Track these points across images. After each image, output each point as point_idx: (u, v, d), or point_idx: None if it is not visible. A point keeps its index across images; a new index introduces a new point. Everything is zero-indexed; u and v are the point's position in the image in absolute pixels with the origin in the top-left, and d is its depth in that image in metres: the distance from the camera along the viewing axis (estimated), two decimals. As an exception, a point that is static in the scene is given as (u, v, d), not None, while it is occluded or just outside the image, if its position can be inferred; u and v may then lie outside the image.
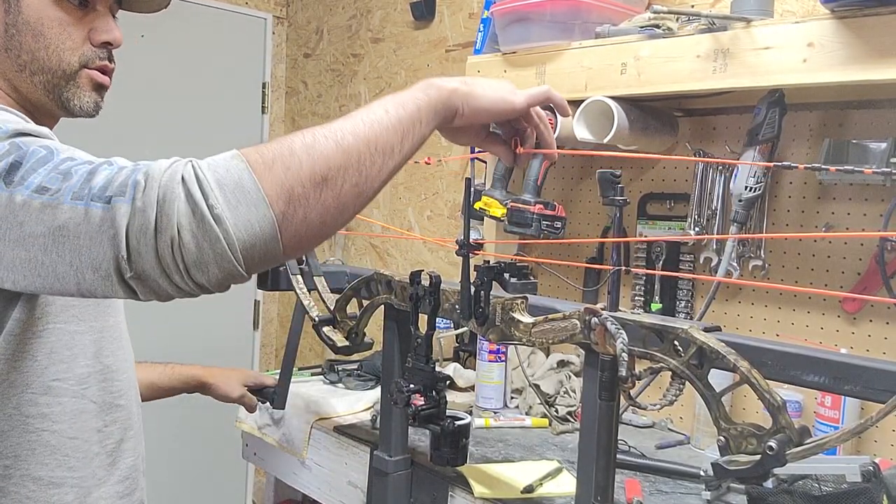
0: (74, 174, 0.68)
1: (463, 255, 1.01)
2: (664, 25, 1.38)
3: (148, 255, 0.65)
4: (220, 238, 0.65)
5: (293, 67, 2.97)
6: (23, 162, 0.69)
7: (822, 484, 1.06)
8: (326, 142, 0.70)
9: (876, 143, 1.30)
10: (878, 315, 1.35)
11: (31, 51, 0.90)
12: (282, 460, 1.66)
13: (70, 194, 0.66)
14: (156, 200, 0.64)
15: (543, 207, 1.54)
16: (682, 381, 0.85)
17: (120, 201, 0.65)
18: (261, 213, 0.66)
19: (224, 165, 0.67)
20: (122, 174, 0.67)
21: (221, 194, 0.65)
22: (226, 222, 0.65)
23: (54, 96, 0.93)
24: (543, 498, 1.19)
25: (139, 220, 0.64)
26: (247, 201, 0.66)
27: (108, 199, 0.65)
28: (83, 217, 0.66)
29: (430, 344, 1.08)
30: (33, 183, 0.68)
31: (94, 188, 0.66)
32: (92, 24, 0.93)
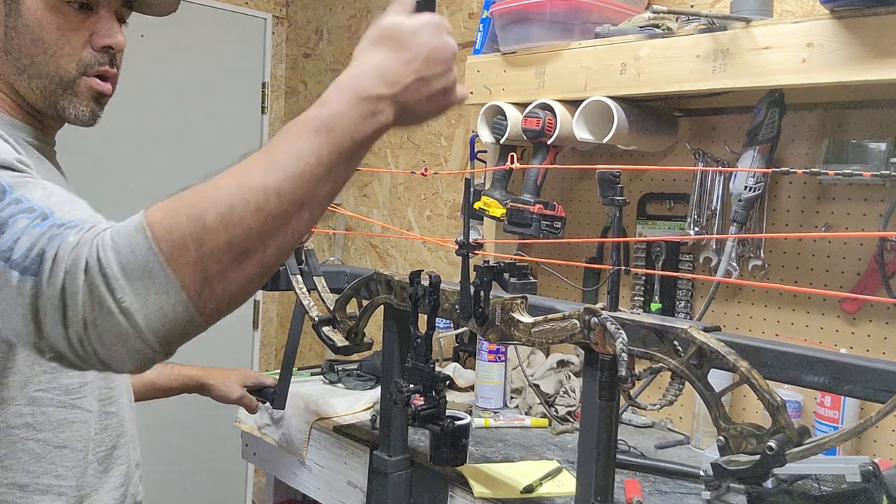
0: (10, 226, 0.63)
1: (463, 255, 1.01)
2: (664, 25, 1.38)
3: (60, 344, 0.61)
4: (130, 334, 0.60)
5: (293, 67, 2.97)
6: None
7: (821, 484, 1.06)
8: (246, 208, 0.61)
9: (875, 143, 1.30)
10: (877, 315, 1.35)
11: (29, 55, 0.88)
12: (282, 460, 1.66)
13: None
14: (59, 289, 0.60)
15: (543, 207, 1.55)
16: (681, 381, 0.85)
17: (26, 280, 0.61)
18: (173, 300, 0.60)
19: (129, 245, 0.60)
20: (39, 242, 0.62)
21: (128, 283, 0.59)
22: (135, 316, 0.60)
23: (50, 103, 0.91)
24: (543, 498, 1.19)
25: (46, 306, 0.61)
26: (156, 288, 0.60)
27: (22, 269, 0.61)
28: (4, 281, 0.62)
29: (429, 344, 1.08)
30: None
31: (15, 252, 0.62)
32: (94, 28, 0.91)
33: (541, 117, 1.51)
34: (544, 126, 1.51)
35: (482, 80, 1.69)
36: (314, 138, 0.66)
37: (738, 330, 1.53)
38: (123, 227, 0.61)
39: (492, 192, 1.65)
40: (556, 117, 1.51)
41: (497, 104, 1.63)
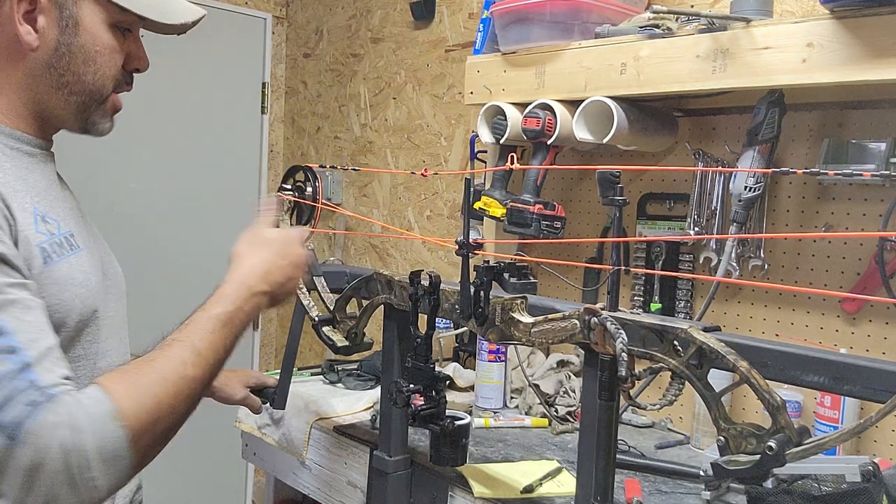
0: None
1: (463, 255, 1.01)
2: (664, 25, 1.38)
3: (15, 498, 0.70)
4: (94, 499, 0.72)
5: (293, 67, 2.97)
6: None
7: (821, 484, 1.06)
8: (184, 398, 0.81)
9: (875, 143, 1.30)
10: (877, 315, 1.35)
11: (77, 73, 0.92)
12: (281, 460, 1.66)
13: None
14: (30, 462, 0.68)
15: (543, 207, 1.55)
16: (681, 381, 0.85)
17: (6, 446, 0.68)
18: (127, 469, 0.75)
19: (103, 434, 0.72)
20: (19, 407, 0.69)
21: (102, 466, 0.72)
22: (101, 490, 0.72)
23: (82, 117, 0.95)
24: (543, 498, 1.19)
25: (11, 470, 0.68)
26: (120, 467, 0.74)
27: None
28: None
29: (429, 344, 1.08)
30: None
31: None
32: (128, 49, 0.96)
33: (541, 117, 1.51)
34: (544, 126, 1.51)
35: (482, 80, 1.69)
36: (223, 331, 0.88)
37: (738, 330, 1.53)
38: (96, 411, 0.72)
39: (492, 192, 1.65)
40: (556, 117, 1.51)
41: (497, 104, 1.63)
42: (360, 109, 2.62)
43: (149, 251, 2.65)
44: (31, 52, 0.89)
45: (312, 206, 1.34)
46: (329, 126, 2.77)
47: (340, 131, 2.72)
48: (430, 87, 2.32)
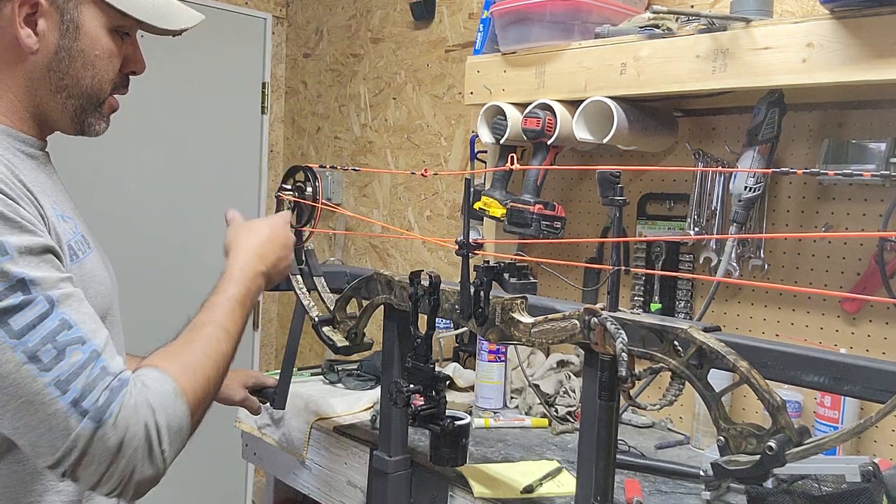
0: (67, 356, 0.76)
1: (463, 255, 1.01)
2: (664, 25, 1.38)
3: (90, 478, 0.77)
4: (158, 474, 0.81)
5: (293, 67, 2.97)
6: (24, 309, 0.76)
7: (821, 484, 1.06)
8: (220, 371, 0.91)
9: (875, 144, 1.30)
10: (877, 315, 1.35)
11: (76, 77, 0.92)
12: (281, 460, 1.66)
13: (55, 379, 0.75)
14: (118, 442, 0.76)
15: (543, 207, 1.55)
16: (681, 381, 0.85)
17: (89, 425, 0.75)
18: (185, 440, 0.85)
19: (173, 409, 0.81)
20: (101, 392, 0.76)
21: (170, 440, 0.81)
22: (167, 461, 0.81)
23: (78, 119, 0.96)
24: (543, 498, 1.19)
25: (98, 450, 0.75)
26: (182, 439, 0.84)
27: (83, 412, 0.75)
28: (55, 411, 0.74)
29: (429, 344, 1.08)
30: (29, 343, 0.75)
31: (76, 390, 0.75)
32: (125, 52, 0.97)
33: (541, 117, 1.51)
34: (544, 126, 1.51)
35: (482, 80, 1.69)
36: (240, 310, 0.99)
37: (738, 330, 1.53)
38: (163, 391, 0.81)
39: (492, 192, 1.65)
40: (556, 117, 1.51)
41: (497, 104, 1.63)
42: (360, 109, 2.62)
43: (149, 251, 2.65)
44: (32, 55, 0.90)
45: (312, 206, 1.34)
46: (329, 126, 2.77)
47: (340, 131, 2.72)
48: (430, 87, 2.32)
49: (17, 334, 0.74)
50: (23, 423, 0.75)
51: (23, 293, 0.76)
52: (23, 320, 0.75)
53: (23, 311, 0.75)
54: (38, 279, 0.78)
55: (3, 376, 0.74)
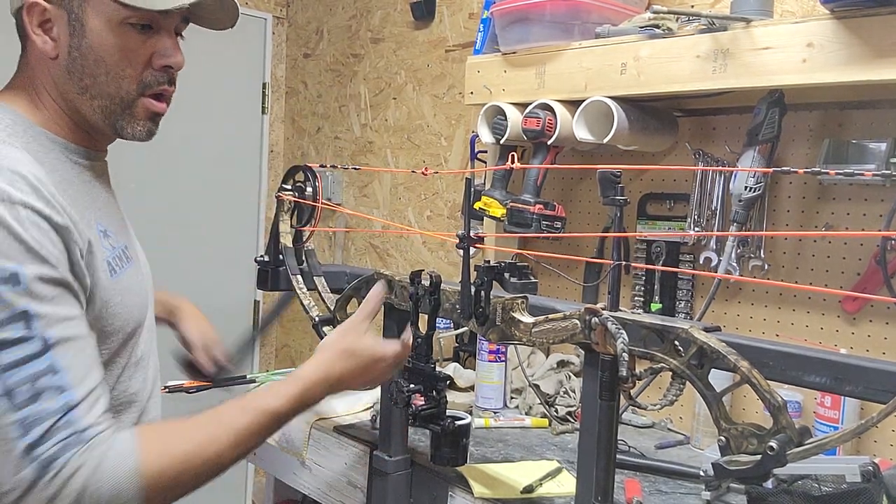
0: (41, 401, 0.76)
1: (463, 248, 1.01)
2: (664, 25, 1.38)
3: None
4: None
5: (293, 67, 2.97)
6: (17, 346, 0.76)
7: (821, 484, 1.06)
8: (208, 477, 0.86)
9: (875, 143, 1.30)
10: (877, 315, 1.35)
11: (92, 75, 0.91)
12: (281, 460, 1.66)
13: (20, 421, 0.75)
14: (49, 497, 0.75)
15: (543, 207, 1.55)
16: (682, 381, 0.85)
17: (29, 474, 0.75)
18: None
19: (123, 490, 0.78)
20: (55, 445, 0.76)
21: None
22: None
23: (110, 122, 0.94)
24: (543, 498, 1.19)
25: (31, 500, 0.75)
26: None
27: (33, 458, 0.75)
28: (10, 448, 0.75)
29: (430, 344, 1.08)
30: (9, 379, 0.76)
31: (33, 435, 0.75)
32: (154, 47, 0.93)
33: (541, 117, 1.51)
34: (544, 126, 1.51)
35: (482, 80, 1.69)
36: (272, 427, 0.92)
37: (738, 330, 1.53)
38: (120, 466, 0.78)
39: (492, 192, 1.65)
40: (557, 117, 1.51)
41: (497, 104, 1.63)
42: (360, 109, 2.62)
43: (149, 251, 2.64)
44: (53, 60, 0.91)
45: (312, 206, 1.34)
46: (329, 126, 2.77)
47: (340, 131, 2.71)
48: (431, 88, 2.32)
49: (3, 368, 0.76)
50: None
51: (23, 327, 0.77)
52: (12, 356, 0.76)
53: (14, 348, 0.76)
54: (42, 314, 0.78)
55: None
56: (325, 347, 1.01)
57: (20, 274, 0.77)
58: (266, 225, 2.94)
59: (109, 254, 0.93)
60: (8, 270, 0.77)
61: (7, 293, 0.77)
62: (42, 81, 0.92)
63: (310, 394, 0.97)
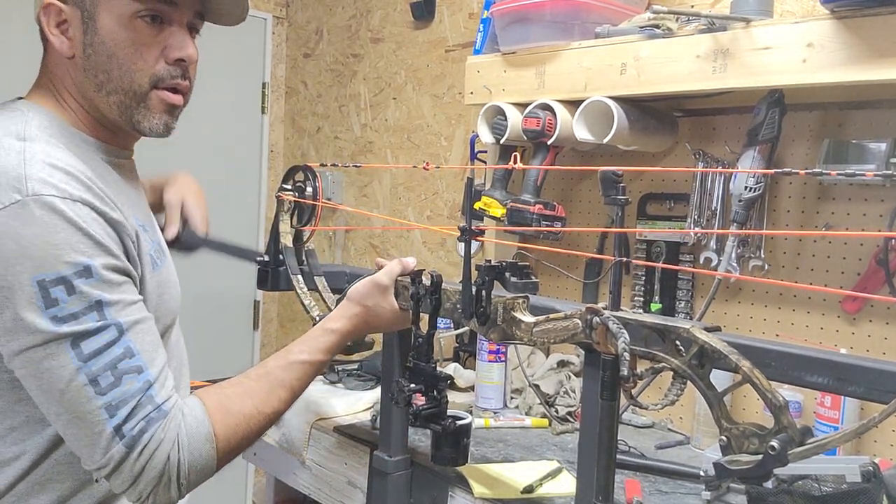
0: (122, 384, 0.83)
1: (465, 242, 1.01)
2: (664, 26, 1.38)
3: (118, 489, 0.86)
4: (176, 499, 0.88)
5: (293, 67, 2.97)
6: (95, 335, 0.82)
7: (822, 484, 1.06)
8: (267, 425, 0.97)
9: (875, 143, 1.30)
10: (877, 315, 1.35)
11: (106, 71, 0.92)
12: (282, 460, 1.66)
13: (107, 405, 0.82)
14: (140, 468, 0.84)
15: (543, 207, 1.55)
16: (683, 381, 0.85)
17: (121, 449, 0.83)
18: (208, 477, 0.91)
19: (199, 451, 0.88)
20: (140, 421, 0.84)
21: (192, 475, 0.88)
22: (184, 493, 0.88)
23: (126, 117, 0.95)
24: (543, 498, 1.19)
25: (124, 471, 0.84)
26: (206, 475, 0.90)
27: (121, 436, 0.83)
28: (100, 431, 0.82)
29: (431, 343, 1.08)
30: (92, 367, 0.82)
31: (120, 416, 0.83)
32: (166, 41, 0.94)
33: (541, 117, 1.51)
34: (544, 126, 1.51)
35: (482, 80, 1.68)
36: (313, 374, 1.05)
37: (738, 330, 1.53)
38: (196, 432, 0.88)
39: (492, 192, 1.65)
40: (556, 117, 1.51)
41: (497, 104, 1.63)
42: (360, 109, 2.62)
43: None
44: (70, 59, 0.92)
45: (313, 206, 1.34)
46: (329, 126, 2.77)
47: (340, 131, 2.71)
48: (430, 87, 2.32)
49: (86, 357, 0.82)
50: (72, 433, 0.84)
51: (98, 316, 0.82)
52: (93, 345, 0.82)
53: (95, 337, 0.82)
54: (114, 301, 0.84)
55: (64, 391, 0.81)
56: (354, 300, 1.12)
57: (92, 266, 0.82)
58: (266, 225, 2.94)
59: (150, 247, 0.97)
60: (82, 264, 0.82)
61: (83, 286, 0.81)
62: (63, 82, 0.94)
63: (340, 343, 1.10)
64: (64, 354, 0.81)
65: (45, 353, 0.81)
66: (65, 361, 0.81)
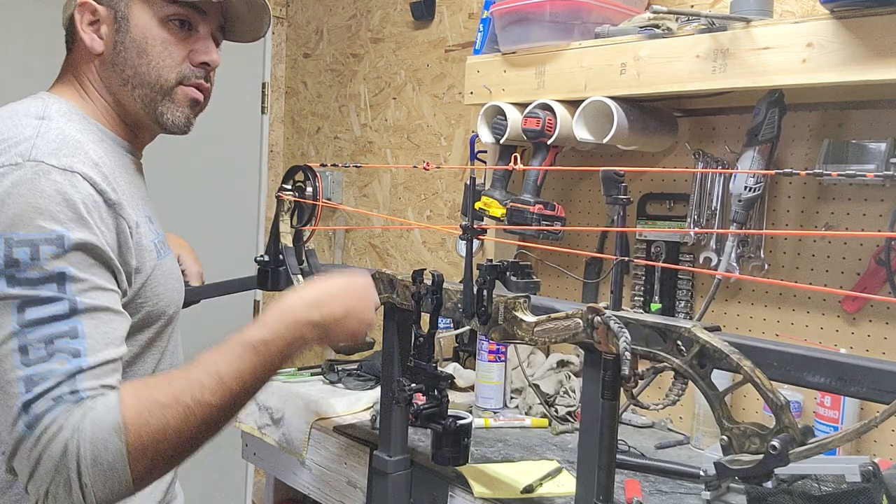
0: (51, 361, 0.76)
1: (467, 240, 1.01)
2: (664, 25, 1.38)
3: (21, 478, 0.77)
4: None
5: (293, 67, 2.97)
6: (45, 305, 0.77)
7: (821, 484, 1.06)
8: (196, 422, 0.80)
9: (875, 144, 1.30)
10: (877, 315, 1.35)
11: (134, 66, 0.98)
12: (281, 460, 1.66)
13: (27, 376, 0.76)
14: (37, 456, 0.75)
15: (543, 207, 1.55)
16: (684, 381, 0.85)
17: (21, 429, 0.75)
18: (123, 486, 0.77)
19: (104, 443, 0.75)
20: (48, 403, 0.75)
21: (95, 475, 0.75)
22: (91, 496, 0.75)
23: (150, 110, 1.00)
24: (543, 498, 1.19)
25: (21, 457, 0.76)
26: (114, 479, 0.76)
27: (27, 413, 0.75)
28: (11, 404, 0.76)
29: (432, 343, 1.08)
30: (28, 335, 0.76)
31: (32, 393, 0.75)
32: (193, 45, 1.01)
33: (541, 117, 1.51)
34: (544, 126, 1.51)
35: (482, 80, 1.69)
36: (254, 358, 0.84)
37: (738, 330, 1.53)
38: (102, 420, 0.76)
39: (492, 192, 1.65)
40: (556, 117, 1.51)
41: (497, 104, 1.63)
42: (360, 109, 2.62)
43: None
44: (97, 56, 0.99)
45: (313, 206, 1.34)
46: (329, 126, 2.77)
47: (340, 131, 2.71)
48: (430, 87, 2.32)
49: (26, 323, 0.76)
50: None
51: (57, 289, 0.78)
52: (38, 314, 0.77)
53: (43, 307, 0.77)
54: (79, 279, 0.80)
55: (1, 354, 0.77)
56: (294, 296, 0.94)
57: (65, 237, 0.79)
58: (266, 225, 2.94)
59: (155, 237, 0.99)
60: (55, 232, 0.79)
61: (48, 253, 0.78)
62: (87, 77, 1.00)
63: (292, 315, 0.90)
64: (6, 316, 0.77)
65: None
66: (4, 322, 0.76)
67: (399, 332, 1.25)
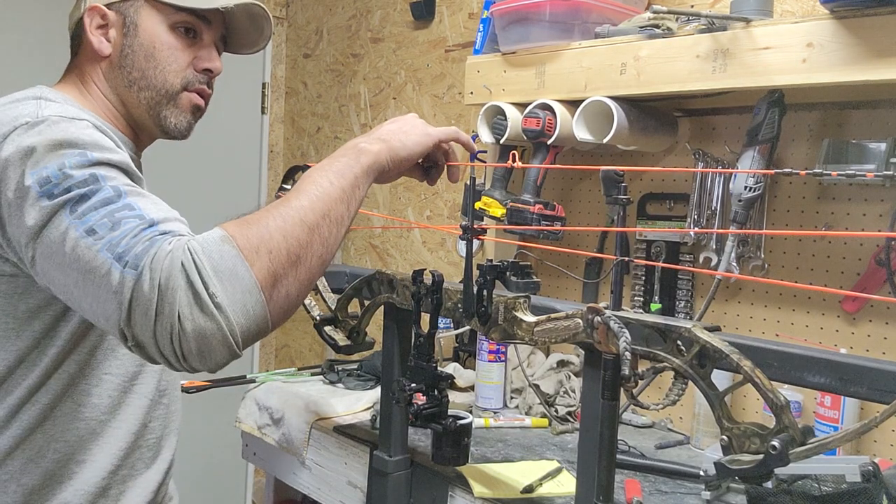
0: (122, 226, 0.77)
1: (466, 240, 1.01)
2: (664, 25, 1.38)
3: (146, 334, 0.73)
4: (222, 325, 0.72)
5: (293, 67, 2.97)
6: (91, 197, 0.79)
7: (821, 484, 1.06)
8: (294, 222, 0.80)
9: (875, 144, 1.30)
10: (877, 315, 1.36)
11: (141, 69, 1.02)
12: (281, 460, 1.66)
13: (107, 245, 0.75)
14: (157, 284, 0.72)
15: (543, 207, 1.55)
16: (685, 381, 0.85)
17: (130, 274, 0.73)
18: (254, 299, 0.74)
19: (217, 251, 0.74)
20: (142, 243, 0.75)
21: (220, 283, 0.73)
22: (226, 310, 0.72)
23: (154, 113, 1.05)
24: (543, 498, 1.19)
25: (140, 298, 0.72)
26: (241, 287, 0.74)
27: (125, 263, 0.74)
28: (106, 272, 0.74)
29: (432, 343, 1.08)
30: (89, 221, 0.77)
31: (121, 247, 0.75)
32: (197, 52, 1.06)
33: (541, 117, 1.51)
34: (544, 126, 1.51)
35: (482, 80, 1.69)
36: (325, 172, 0.87)
37: (738, 330, 1.53)
38: (208, 238, 0.76)
39: (492, 192, 1.65)
40: (556, 117, 1.51)
41: (497, 104, 1.63)
42: (360, 109, 2.62)
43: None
44: (104, 58, 1.03)
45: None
46: (329, 126, 2.77)
47: (340, 131, 2.71)
48: (430, 87, 2.32)
49: (81, 215, 0.78)
50: (88, 294, 0.76)
51: (95, 185, 0.80)
52: (90, 203, 0.78)
53: (91, 199, 0.79)
54: (112, 177, 0.82)
55: (67, 253, 0.77)
56: None
57: (88, 154, 0.82)
58: (265, 225, 2.93)
59: None
60: (77, 152, 0.82)
61: (76, 163, 0.81)
62: (92, 78, 1.03)
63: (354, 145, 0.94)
64: (61, 220, 0.78)
65: (49, 229, 0.79)
66: (64, 225, 0.78)
67: (399, 332, 1.25)
